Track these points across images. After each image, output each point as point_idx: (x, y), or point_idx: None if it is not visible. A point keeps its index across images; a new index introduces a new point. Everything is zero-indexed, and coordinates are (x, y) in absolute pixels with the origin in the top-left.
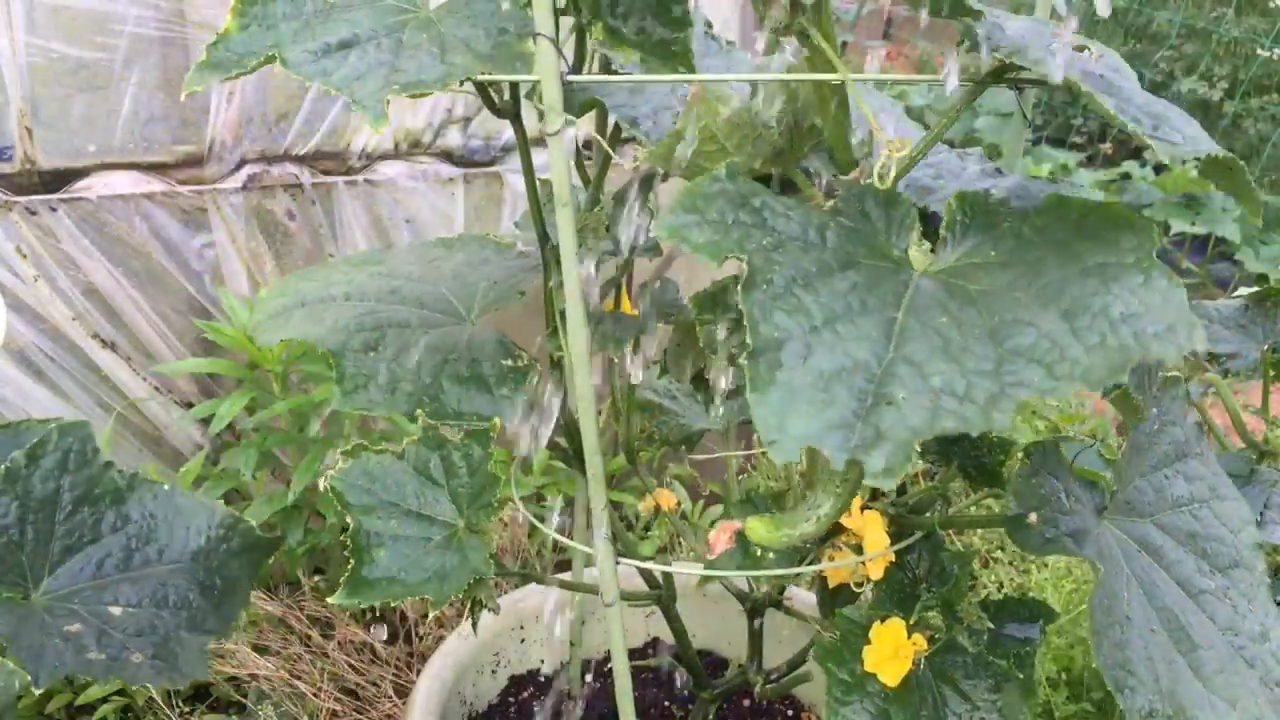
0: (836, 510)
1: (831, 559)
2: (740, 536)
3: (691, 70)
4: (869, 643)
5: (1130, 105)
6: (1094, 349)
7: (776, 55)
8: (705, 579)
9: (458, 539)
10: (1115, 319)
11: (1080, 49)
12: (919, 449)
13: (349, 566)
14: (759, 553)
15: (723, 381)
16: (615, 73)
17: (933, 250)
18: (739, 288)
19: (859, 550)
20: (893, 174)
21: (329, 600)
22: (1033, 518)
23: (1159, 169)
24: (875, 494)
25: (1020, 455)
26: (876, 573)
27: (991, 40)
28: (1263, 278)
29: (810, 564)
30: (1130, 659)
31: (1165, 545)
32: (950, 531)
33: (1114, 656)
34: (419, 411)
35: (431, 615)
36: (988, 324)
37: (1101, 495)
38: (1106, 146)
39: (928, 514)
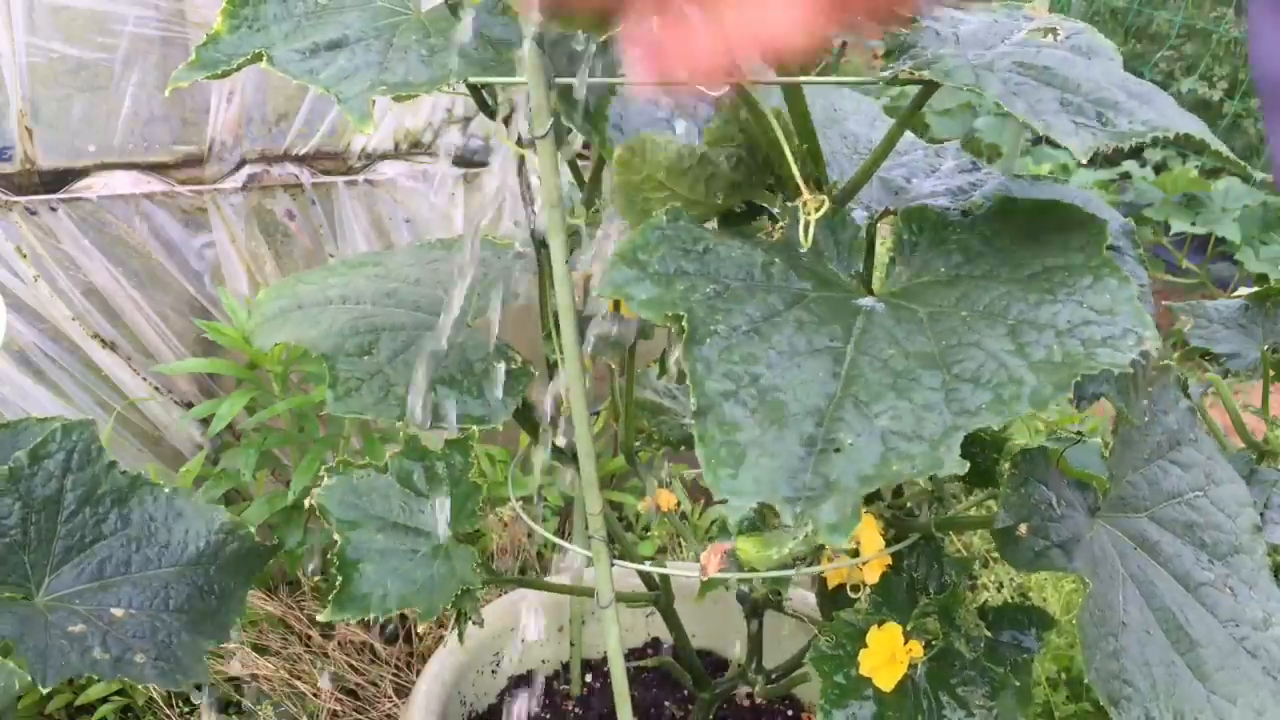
0: None
1: (828, 560)
2: (731, 554)
3: None
4: (865, 647)
5: (1075, 94)
6: (1040, 366)
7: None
8: (705, 589)
9: (444, 549)
10: (1062, 329)
11: (1046, 32)
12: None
13: (337, 581)
14: None
15: None
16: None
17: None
18: (681, 345)
19: (856, 553)
20: (811, 233)
21: (319, 618)
22: (1022, 529)
23: (1159, 168)
24: (871, 498)
25: (1009, 465)
26: (872, 577)
27: (913, 51)
28: (1263, 278)
29: (806, 566)
30: (1126, 668)
31: (1163, 540)
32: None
33: (1108, 668)
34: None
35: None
36: (935, 349)
37: (1095, 495)
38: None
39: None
